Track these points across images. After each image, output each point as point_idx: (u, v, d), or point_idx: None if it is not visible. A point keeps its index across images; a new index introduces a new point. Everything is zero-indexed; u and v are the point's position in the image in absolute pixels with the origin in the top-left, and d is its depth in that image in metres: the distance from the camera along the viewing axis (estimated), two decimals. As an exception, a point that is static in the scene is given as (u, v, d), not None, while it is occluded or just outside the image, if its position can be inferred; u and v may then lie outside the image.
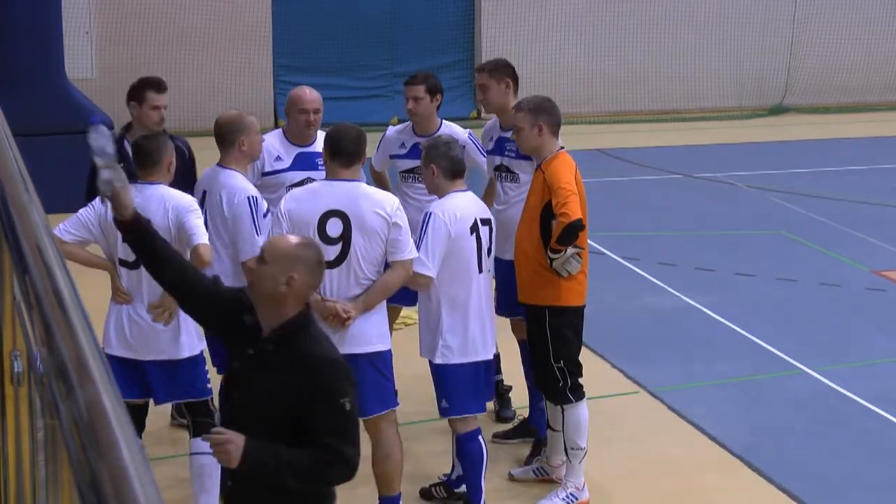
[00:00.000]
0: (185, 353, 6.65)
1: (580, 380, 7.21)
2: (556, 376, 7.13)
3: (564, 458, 7.28)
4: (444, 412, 6.95)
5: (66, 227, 6.66)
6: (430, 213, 6.76)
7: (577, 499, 7.21)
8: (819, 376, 9.33)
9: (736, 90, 22.16)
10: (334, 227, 6.39)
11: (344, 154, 6.48)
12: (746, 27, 22.04)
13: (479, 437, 6.92)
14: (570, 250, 6.98)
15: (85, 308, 2.21)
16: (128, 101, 7.72)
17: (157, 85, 7.68)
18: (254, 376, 4.65)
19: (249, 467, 4.48)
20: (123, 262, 6.63)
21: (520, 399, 8.29)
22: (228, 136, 7.15)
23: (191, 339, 6.66)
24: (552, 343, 7.11)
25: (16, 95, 12.79)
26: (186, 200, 6.62)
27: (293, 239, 4.85)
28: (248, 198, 7.01)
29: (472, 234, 6.83)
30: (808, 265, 12.33)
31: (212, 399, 6.69)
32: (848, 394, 9.00)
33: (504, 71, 7.86)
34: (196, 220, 6.53)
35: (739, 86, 22.16)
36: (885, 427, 8.51)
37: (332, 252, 6.39)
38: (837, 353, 9.88)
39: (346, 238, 6.39)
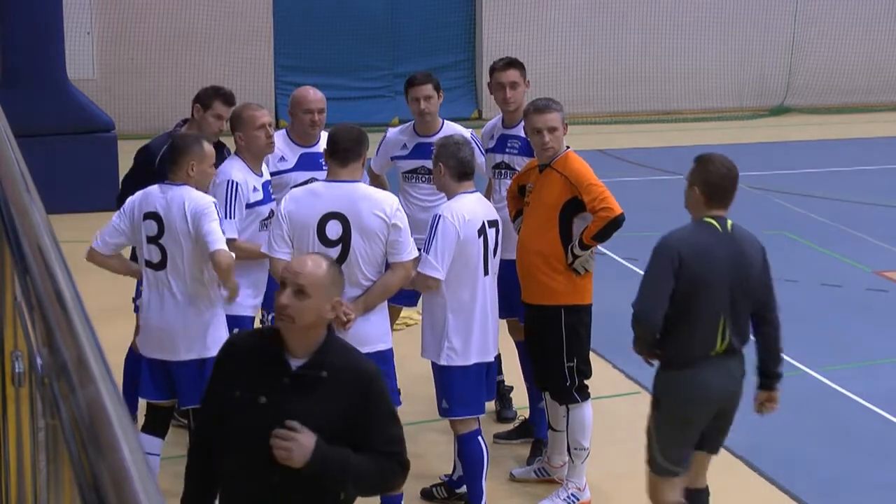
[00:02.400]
0: (213, 353, 6.58)
1: (586, 380, 7.22)
2: (564, 375, 7.13)
3: (566, 458, 7.28)
4: (444, 413, 6.96)
5: (105, 238, 6.67)
6: (440, 216, 6.73)
7: (578, 499, 7.22)
8: (819, 376, 9.32)
9: (737, 91, 22.15)
10: (334, 230, 6.40)
11: (340, 152, 6.49)
12: (747, 27, 22.04)
13: (480, 438, 6.92)
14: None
15: (86, 308, 2.21)
16: (193, 102, 7.66)
17: (227, 97, 7.61)
18: (296, 404, 4.46)
19: (314, 469, 4.38)
20: (149, 264, 6.63)
21: (521, 399, 8.29)
22: (231, 129, 7.30)
23: (219, 339, 6.44)
24: (567, 342, 7.11)
25: (16, 95, 12.78)
26: (203, 202, 6.54)
27: (321, 263, 4.67)
28: (228, 181, 7.05)
29: (479, 236, 6.82)
30: (809, 265, 12.32)
31: None
32: (848, 394, 8.99)
33: (525, 70, 7.92)
34: (211, 225, 6.44)
35: (740, 86, 22.15)
36: (886, 427, 8.50)
37: (331, 254, 6.39)
38: (838, 354, 9.86)
39: (345, 240, 6.40)
